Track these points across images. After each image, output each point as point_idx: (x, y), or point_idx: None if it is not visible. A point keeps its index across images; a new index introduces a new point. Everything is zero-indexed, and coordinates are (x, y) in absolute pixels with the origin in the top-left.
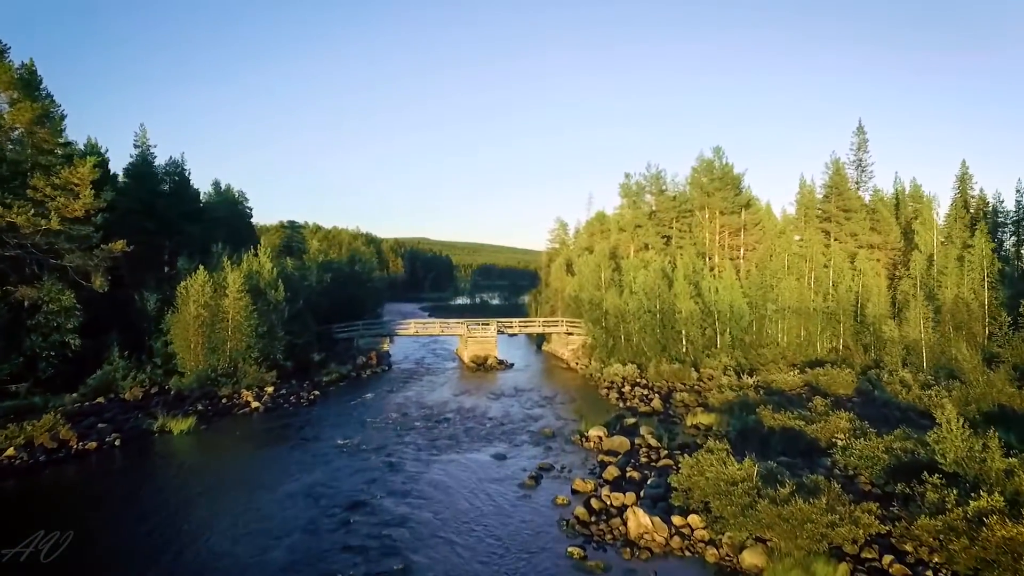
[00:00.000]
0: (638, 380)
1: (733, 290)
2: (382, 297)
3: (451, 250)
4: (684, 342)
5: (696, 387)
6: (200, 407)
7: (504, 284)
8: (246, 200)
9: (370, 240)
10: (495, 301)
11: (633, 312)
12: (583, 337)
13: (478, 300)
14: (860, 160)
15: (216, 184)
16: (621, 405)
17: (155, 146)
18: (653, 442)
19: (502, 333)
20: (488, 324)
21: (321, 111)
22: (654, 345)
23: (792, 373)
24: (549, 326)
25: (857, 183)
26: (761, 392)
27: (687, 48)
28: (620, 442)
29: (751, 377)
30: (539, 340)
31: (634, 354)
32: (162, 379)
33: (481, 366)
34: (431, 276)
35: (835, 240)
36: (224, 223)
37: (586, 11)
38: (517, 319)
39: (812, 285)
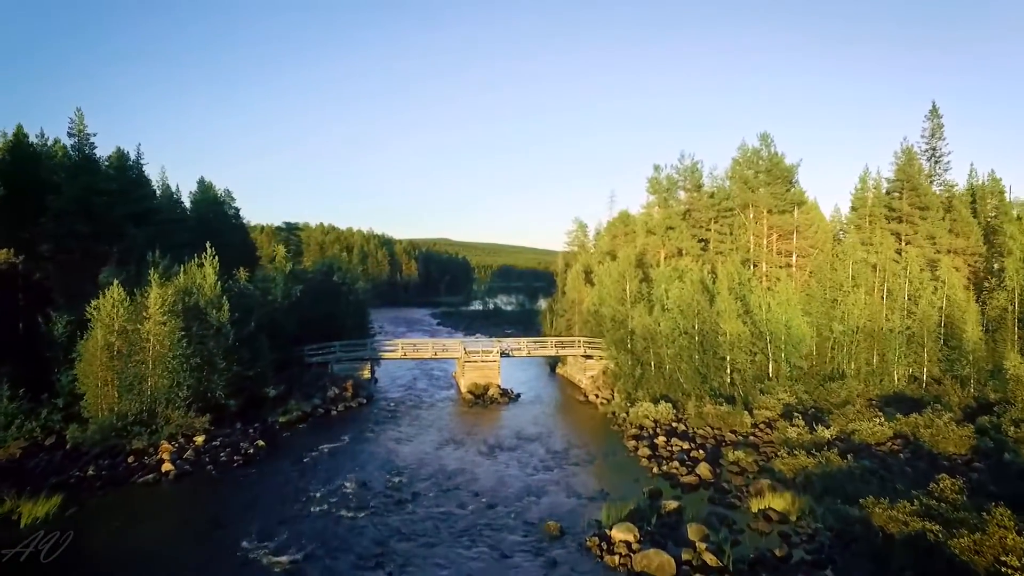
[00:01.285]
0: (674, 424)
1: (790, 307)
2: (366, 311)
3: (471, 251)
4: (729, 372)
5: (752, 437)
6: (92, 471)
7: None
8: (232, 200)
9: (383, 242)
10: (510, 307)
11: (666, 334)
12: (604, 362)
13: (492, 305)
14: (934, 149)
15: (202, 182)
16: (655, 469)
17: (95, 135)
18: (710, 559)
19: (507, 356)
20: (490, 349)
21: (343, 113)
22: (692, 376)
23: (877, 420)
24: (564, 348)
25: (930, 176)
26: (841, 448)
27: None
28: (659, 563)
29: (825, 427)
30: (553, 359)
31: (667, 386)
32: (62, 426)
33: (480, 398)
34: (446, 279)
35: (906, 243)
36: (203, 225)
37: (613, 9)
38: (526, 339)
39: (884, 300)
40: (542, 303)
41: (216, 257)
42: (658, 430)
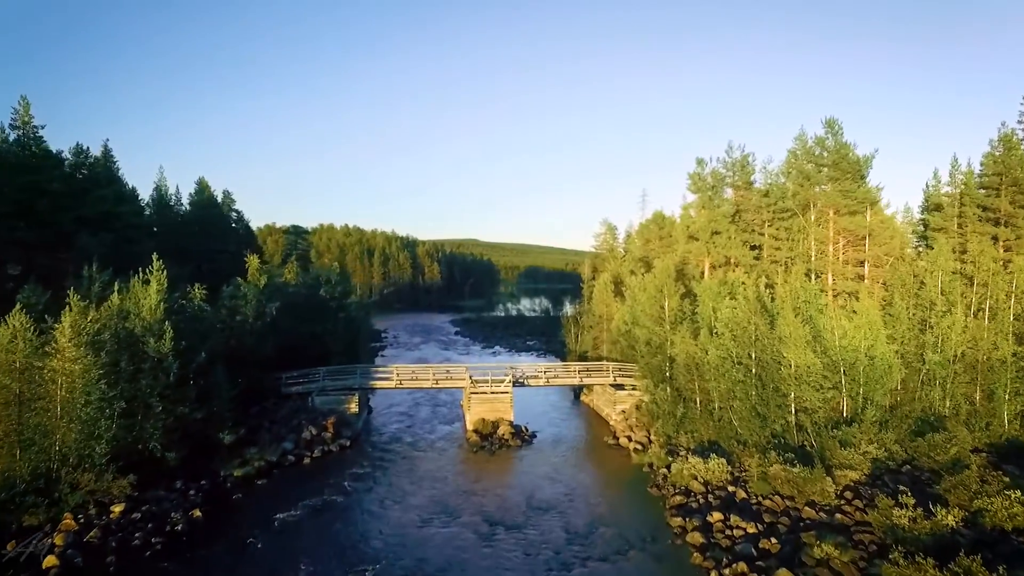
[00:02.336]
0: (730, 487)
1: (873, 331)
2: (361, 330)
3: (498, 251)
4: (794, 413)
5: (839, 515)
6: None
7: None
8: (231, 201)
9: (406, 243)
10: (535, 313)
11: (715, 364)
12: (637, 394)
13: (516, 311)
14: None
15: (201, 182)
16: (713, 572)
17: (43, 127)
18: None
19: (521, 385)
20: (501, 378)
21: (376, 115)
22: (749, 418)
23: (1014, 496)
24: (590, 375)
25: None
26: (969, 537)
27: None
28: None
29: (942, 506)
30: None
31: (716, 430)
32: None
33: (488, 439)
34: (470, 282)
35: (1005, 249)
36: (198, 230)
37: (646, 9)
38: (544, 366)
39: (987, 322)
40: (567, 307)
41: (200, 267)
42: (710, 497)
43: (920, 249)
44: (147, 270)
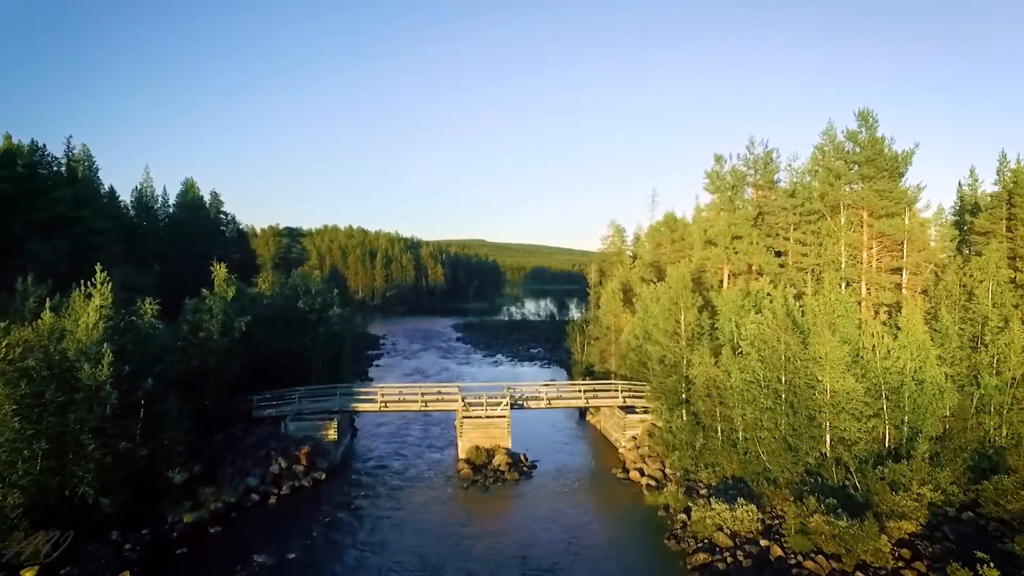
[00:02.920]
0: (762, 539)
1: (921, 351)
2: (346, 345)
3: (506, 252)
4: (830, 445)
5: None
6: None
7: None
8: (220, 204)
9: (409, 245)
10: (540, 317)
11: (740, 389)
12: (649, 418)
13: (521, 315)
14: None
15: (188, 183)
16: None
17: None
18: None
19: (519, 407)
20: (497, 399)
21: (384, 115)
22: (779, 452)
23: None
24: (597, 396)
25: None
26: None
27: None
28: None
29: None
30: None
31: (741, 464)
32: None
33: (482, 471)
34: (474, 284)
35: None
36: (183, 233)
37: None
38: (543, 385)
39: None
40: (574, 310)
41: (184, 273)
42: (739, 554)
43: (955, 255)
44: (90, 282)
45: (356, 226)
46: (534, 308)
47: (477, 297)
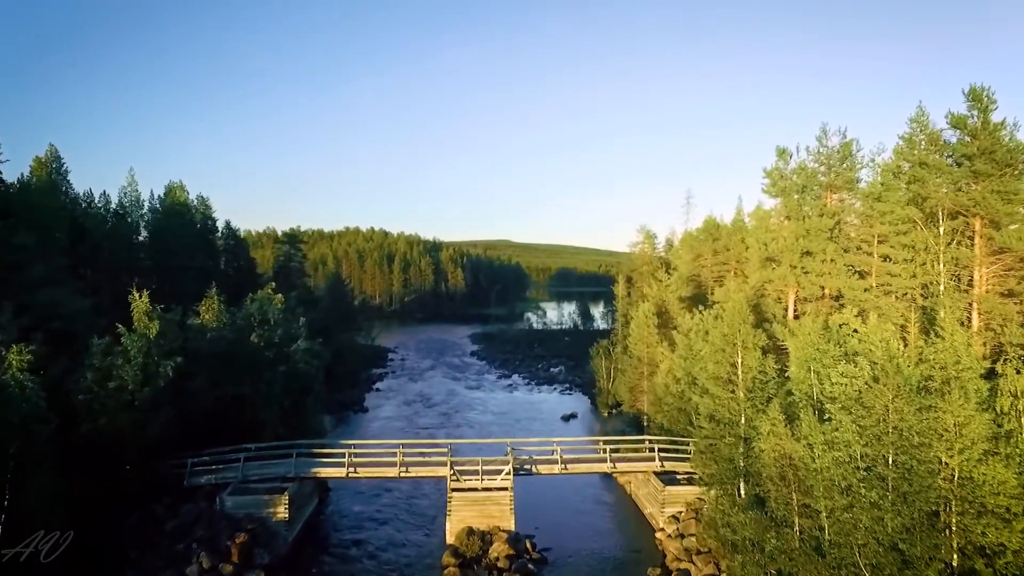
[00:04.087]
0: None
1: None
2: (316, 388)
3: (531, 252)
4: (960, 556)
5: None
6: None
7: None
8: (208, 209)
9: (429, 248)
10: (565, 322)
11: (831, 473)
12: (696, 490)
13: (542, 323)
14: None
15: (171, 187)
16: None
17: None
18: None
19: (525, 473)
20: (498, 467)
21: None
22: (886, 564)
23: None
24: (626, 459)
25: None
26: None
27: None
28: None
29: None
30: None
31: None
32: None
33: (474, 567)
34: (496, 288)
35: None
36: (162, 243)
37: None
38: (558, 442)
39: None
40: (598, 317)
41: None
42: None
43: None
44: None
45: (378, 228)
46: (557, 316)
47: (499, 301)
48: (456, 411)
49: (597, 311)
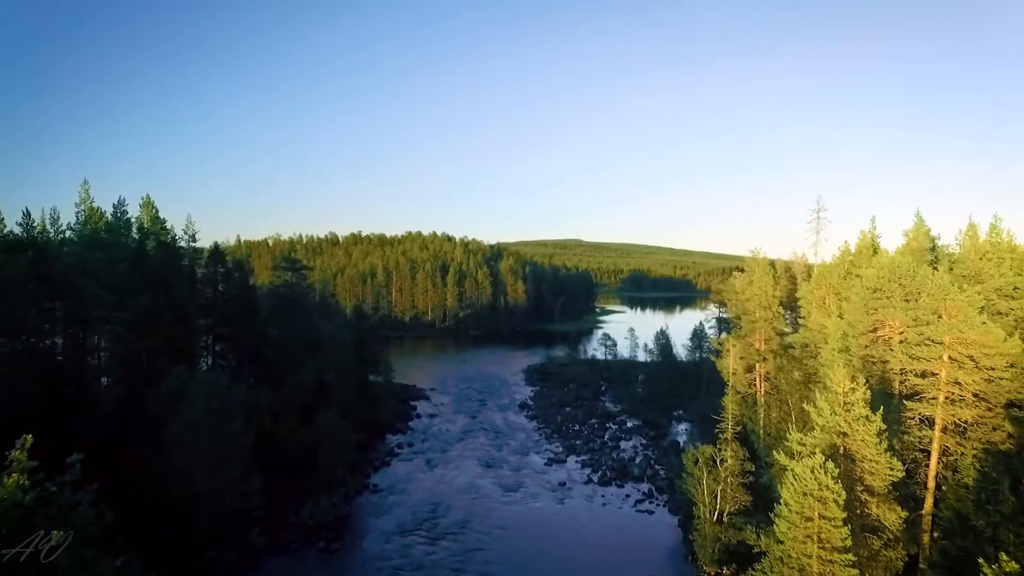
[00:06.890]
0: None
1: None
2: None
3: (603, 252)
4: None
5: None
6: None
7: (656, 298)
8: (164, 231)
9: (487, 258)
10: (640, 348)
11: None
12: None
13: (613, 353)
14: None
15: (120, 205)
16: None
17: None
18: None
19: None
20: None
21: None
22: None
23: None
24: None
25: None
26: None
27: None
28: None
29: None
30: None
31: None
32: None
33: None
34: (561, 301)
35: None
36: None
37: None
38: None
39: None
40: (676, 340)
41: None
42: None
43: None
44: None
45: (441, 232)
46: (630, 341)
47: (564, 314)
48: (471, 550)
49: (673, 322)
